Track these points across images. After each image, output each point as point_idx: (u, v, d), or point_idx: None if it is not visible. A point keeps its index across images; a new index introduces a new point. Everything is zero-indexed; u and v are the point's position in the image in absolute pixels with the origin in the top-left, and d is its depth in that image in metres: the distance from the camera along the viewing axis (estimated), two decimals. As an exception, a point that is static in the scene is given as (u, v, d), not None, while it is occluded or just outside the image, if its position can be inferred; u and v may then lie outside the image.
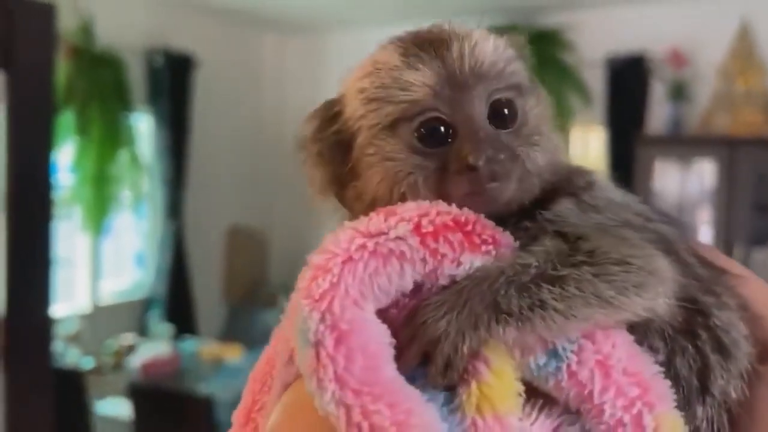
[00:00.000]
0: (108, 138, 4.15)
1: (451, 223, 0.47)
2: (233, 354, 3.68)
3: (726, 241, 3.70)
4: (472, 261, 0.47)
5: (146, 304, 4.66)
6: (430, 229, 0.46)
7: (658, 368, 0.46)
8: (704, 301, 0.50)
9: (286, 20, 5.18)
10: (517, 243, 0.49)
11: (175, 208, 4.69)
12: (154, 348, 3.74)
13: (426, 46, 0.51)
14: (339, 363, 0.42)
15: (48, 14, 2.03)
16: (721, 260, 0.55)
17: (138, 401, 3.14)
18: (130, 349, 3.74)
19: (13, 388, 2.06)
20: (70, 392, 3.21)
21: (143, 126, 4.58)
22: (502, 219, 0.50)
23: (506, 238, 0.49)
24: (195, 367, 3.62)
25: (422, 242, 0.46)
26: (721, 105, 4.00)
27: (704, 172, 3.87)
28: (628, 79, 4.23)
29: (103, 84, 4.10)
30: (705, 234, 3.85)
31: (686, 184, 4.00)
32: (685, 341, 0.48)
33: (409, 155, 0.51)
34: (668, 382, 0.46)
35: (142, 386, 3.27)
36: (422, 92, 0.50)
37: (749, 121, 3.89)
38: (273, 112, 5.56)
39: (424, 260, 0.46)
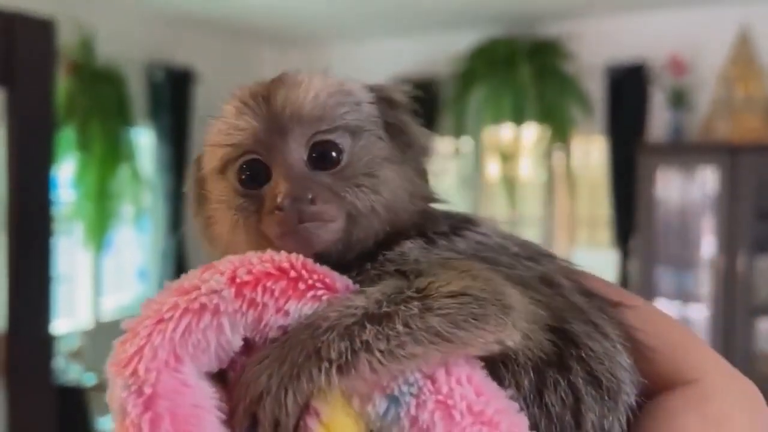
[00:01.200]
0: (109, 153, 4.15)
1: (273, 271, 0.44)
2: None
3: (729, 248, 3.69)
4: (300, 309, 0.44)
5: (148, 319, 4.65)
6: (247, 278, 0.43)
7: (510, 402, 0.43)
8: (575, 330, 0.47)
9: (284, 34, 5.20)
10: (357, 286, 0.47)
11: (176, 222, 4.68)
12: (157, 363, 3.72)
13: (256, 94, 0.53)
14: (143, 430, 0.39)
15: (49, 30, 2.03)
16: (612, 291, 0.53)
17: (140, 417, 3.13)
18: (133, 364, 3.72)
19: (15, 405, 2.04)
20: (72, 409, 3.19)
21: (144, 141, 4.59)
22: (348, 264, 0.50)
23: (341, 281, 0.46)
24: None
25: (238, 293, 0.43)
26: (722, 112, 4.00)
27: (706, 180, 3.86)
28: (629, 87, 4.23)
29: (103, 99, 4.11)
30: (708, 242, 3.84)
31: (688, 191, 3.99)
32: (557, 374, 0.46)
33: (234, 197, 0.53)
34: (523, 417, 0.43)
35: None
36: (244, 136, 0.52)
37: (750, 127, 3.89)
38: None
39: (242, 312, 0.43)
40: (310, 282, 0.45)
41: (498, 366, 0.45)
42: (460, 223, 0.54)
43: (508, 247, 0.52)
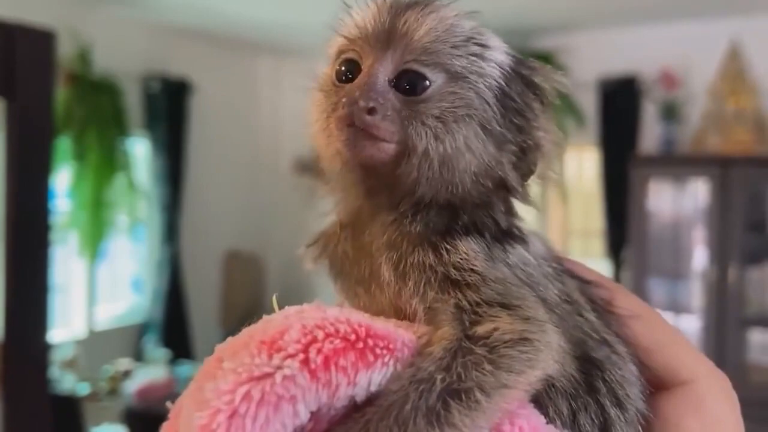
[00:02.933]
0: (105, 163, 4.17)
1: (341, 345, 0.43)
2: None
3: (720, 260, 3.72)
4: (370, 378, 0.43)
5: (142, 329, 4.64)
6: (320, 360, 0.42)
7: None
8: (598, 357, 0.51)
9: (280, 45, 5.23)
10: (415, 339, 0.47)
11: (171, 232, 4.69)
12: (150, 373, 3.71)
13: (397, 4, 0.53)
14: None
15: (49, 41, 2.04)
16: (615, 295, 0.55)
17: (133, 426, 3.12)
18: (126, 374, 3.71)
19: (11, 413, 2.04)
20: (67, 418, 3.18)
21: (140, 151, 4.60)
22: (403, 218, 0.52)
23: (400, 339, 0.46)
24: (192, 392, 3.60)
25: (312, 377, 0.41)
26: (713, 125, 4.05)
27: (698, 192, 3.90)
28: (621, 100, 4.27)
29: (100, 110, 4.13)
30: (700, 254, 3.87)
31: (680, 203, 4.03)
32: (588, 397, 0.49)
33: (329, 85, 0.55)
34: None
35: (138, 411, 3.25)
36: (356, 33, 0.53)
37: (740, 140, 3.94)
38: (269, 136, 5.59)
39: (317, 394, 0.42)
40: (377, 351, 0.44)
41: (541, 395, 0.47)
42: (512, 231, 0.54)
43: (543, 267, 0.53)
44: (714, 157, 3.87)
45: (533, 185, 0.56)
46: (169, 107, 4.61)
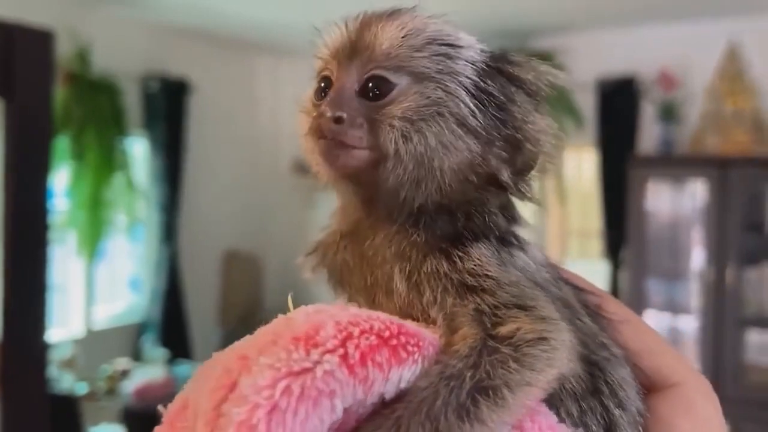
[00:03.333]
0: (103, 163, 4.17)
1: (375, 342, 0.44)
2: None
3: (718, 260, 3.73)
4: (401, 374, 0.44)
5: (140, 329, 4.64)
6: (358, 356, 0.43)
7: None
8: (599, 359, 0.52)
9: (278, 45, 5.23)
10: (439, 339, 0.48)
11: (170, 232, 4.69)
12: (149, 372, 3.72)
13: (357, 20, 0.56)
14: None
15: (48, 41, 2.04)
16: (603, 302, 0.57)
17: (132, 426, 3.12)
18: (125, 373, 3.72)
19: (10, 413, 2.04)
20: (65, 417, 3.19)
21: (138, 151, 4.60)
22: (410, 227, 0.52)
23: (427, 337, 0.47)
24: (190, 391, 3.60)
25: (351, 372, 0.42)
26: (711, 125, 4.06)
27: (696, 192, 3.91)
28: (620, 101, 4.28)
29: (99, 109, 4.13)
30: (698, 254, 3.88)
31: (678, 204, 4.03)
32: (593, 398, 0.50)
33: (310, 105, 0.58)
34: None
35: (136, 411, 3.25)
36: (327, 52, 0.57)
37: (738, 141, 3.95)
38: (267, 135, 5.59)
39: (354, 390, 0.42)
40: (408, 348, 0.45)
41: (552, 396, 0.48)
42: (510, 238, 0.54)
43: (542, 273, 0.54)
44: (712, 158, 3.87)
45: (533, 180, 0.56)
46: (168, 107, 4.61)
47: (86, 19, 4.14)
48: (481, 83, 0.53)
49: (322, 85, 0.56)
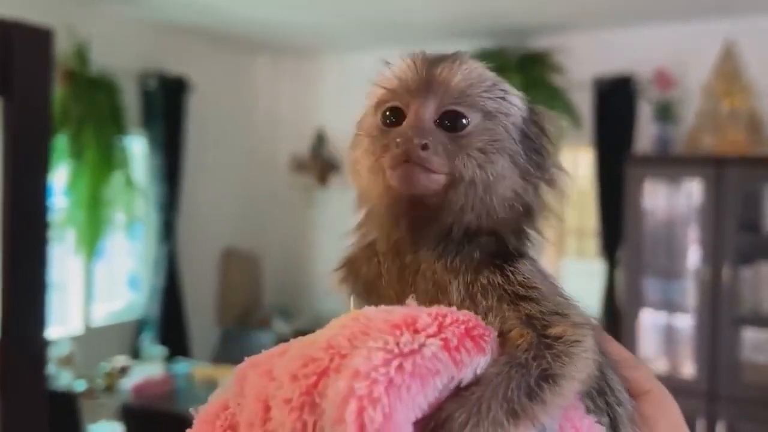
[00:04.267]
0: (102, 161, 4.18)
1: (464, 330, 0.50)
2: (226, 376, 3.68)
3: (714, 259, 3.75)
4: (479, 362, 0.50)
5: (139, 327, 4.66)
6: (455, 341, 0.48)
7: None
8: (602, 362, 0.59)
9: (277, 44, 5.24)
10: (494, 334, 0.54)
11: (168, 230, 4.70)
12: (147, 370, 3.73)
13: (427, 59, 0.62)
14: None
15: (46, 39, 2.05)
16: None
17: (130, 423, 3.13)
18: (123, 371, 3.73)
19: (8, 410, 2.06)
20: (63, 415, 3.20)
21: (137, 149, 4.61)
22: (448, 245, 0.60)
23: (492, 332, 0.53)
24: (188, 389, 3.61)
25: (450, 356, 0.48)
26: (707, 125, 4.07)
27: (693, 192, 3.92)
28: (616, 100, 4.29)
29: (97, 107, 4.14)
30: (694, 253, 3.89)
31: (675, 203, 4.05)
32: (600, 398, 0.58)
33: (375, 132, 0.62)
34: None
35: (135, 408, 3.26)
36: (399, 85, 0.62)
37: (735, 140, 3.96)
38: (266, 134, 5.60)
39: (450, 373, 0.47)
40: (485, 338, 0.51)
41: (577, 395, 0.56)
42: (529, 254, 0.62)
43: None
44: (708, 157, 3.89)
45: (546, 219, 0.64)
46: (167, 105, 4.62)
47: (85, 17, 4.15)
48: (525, 128, 0.62)
49: (390, 113, 0.62)
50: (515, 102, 0.62)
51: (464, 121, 0.60)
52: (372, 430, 0.42)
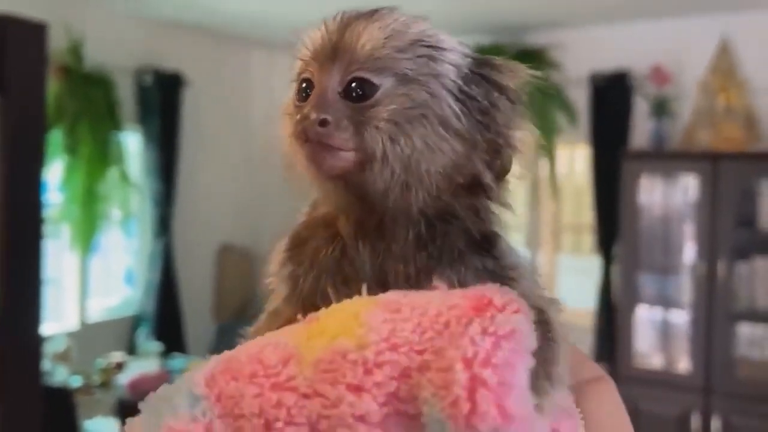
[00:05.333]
0: (97, 156, 4.16)
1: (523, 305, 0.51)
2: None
3: (710, 255, 3.76)
4: None
5: (135, 322, 4.65)
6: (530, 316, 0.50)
7: None
8: None
9: (273, 39, 5.23)
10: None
11: (164, 226, 4.69)
12: (143, 366, 3.73)
13: (339, 20, 0.56)
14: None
15: (40, 34, 2.05)
16: None
17: (126, 419, 3.13)
18: (119, 367, 3.72)
19: (4, 406, 2.05)
20: (59, 410, 3.19)
21: (132, 144, 4.60)
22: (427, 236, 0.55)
23: None
24: (184, 384, 3.61)
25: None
26: (703, 121, 4.08)
27: (688, 187, 3.93)
28: (612, 96, 4.29)
29: (92, 103, 4.12)
30: (690, 249, 3.90)
31: (670, 199, 4.05)
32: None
33: (292, 108, 0.57)
34: None
35: (131, 404, 3.26)
36: (308, 54, 0.56)
37: (731, 136, 3.97)
38: (262, 129, 5.59)
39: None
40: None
41: None
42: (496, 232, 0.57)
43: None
44: (704, 153, 3.90)
45: (509, 185, 0.57)
46: (162, 101, 4.60)
47: (80, 13, 4.13)
48: (465, 87, 0.54)
49: (304, 86, 0.56)
50: (450, 58, 0.54)
51: (373, 87, 0.52)
52: (516, 414, 0.40)
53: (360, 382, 0.43)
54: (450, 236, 0.54)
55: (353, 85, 0.53)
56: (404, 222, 0.54)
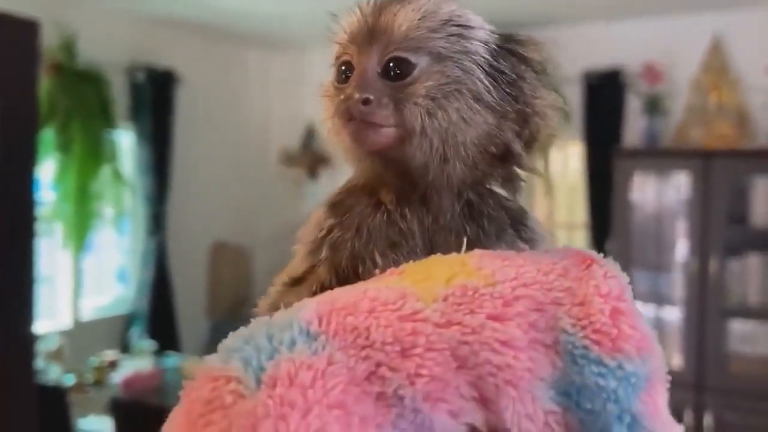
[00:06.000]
0: (90, 154, 4.15)
1: None
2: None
3: (702, 251, 3.77)
4: None
5: (128, 321, 4.64)
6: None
7: None
8: None
9: (268, 37, 5.22)
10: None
11: (157, 224, 4.68)
12: (136, 364, 3.72)
13: (374, 4, 0.58)
14: None
15: (33, 31, 2.04)
16: None
17: (120, 417, 3.13)
18: (112, 365, 3.72)
19: (-4, 404, 2.05)
20: (52, 409, 3.18)
21: (125, 142, 4.58)
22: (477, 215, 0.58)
23: None
24: (177, 383, 3.59)
25: None
26: (695, 118, 4.10)
27: (680, 185, 3.95)
28: (605, 94, 4.31)
29: (85, 100, 4.10)
30: (682, 246, 3.92)
31: (663, 196, 4.07)
32: None
33: (333, 90, 0.59)
34: None
35: (124, 402, 3.25)
36: (346, 38, 0.59)
37: (723, 134, 3.99)
38: (256, 127, 5.58)
39: None
40: None
41: None
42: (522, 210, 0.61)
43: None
44: (696, 151, 3.91)
45: (537, 153, 0.60)
46: (156, 98, 4.59)
47: (73, 9, 4.12)
48: (494, 62, 0.57)
49: (343, 68, 0.59)
50: (477, 36, 0.58)
51: (410, 66, 0.55)
52: (648, 334, 0.48)
53: (501, 313, 0.46)
54: (493, 210, 0.58)
55: (391, 64, 0.56)
56: (448, 194, 0.57)
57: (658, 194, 4.08)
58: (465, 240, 0.55)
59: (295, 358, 0.44)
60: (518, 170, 0.60)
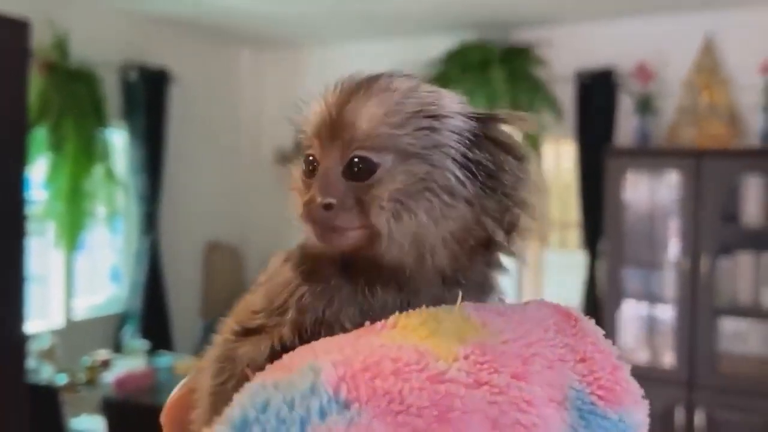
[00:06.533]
0: (82, 153, 4.13)
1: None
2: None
3: (693, 250, 3.79)
4: None
5: (121, 320, 4.63)
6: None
7: None
8: None
9: (261, 36, 5.21)
10: None
11: (150, 223, 4.67)
12: (129, 364, 3.71)
13: (341, 90, 0.55)
14: None
15: (23, 30, 2.03)
16: None
17: (112, 417, 3.12)
18: (105, 365, 3.71)
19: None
20: (44, 408, 3.17)
21: (118, 141, 4.57)
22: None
23: None
24: (170, 382, 3.59)
25: None
26: (687, 118, 4.12)
27: (672, 184, 3.96)
28: (598, 93, 4.32)
29: (77, 99, 4.09)
30: (674, 244, 3.94)
31: (655, 195, 4.09)
32: None
33: (299, 182, 0.57)
34: None
35: (117, 402, 3.24)
36: (310, 129, 0.55)
37: (714, 134, 4.01)
38: (250, 127, 5.58)
39: None
40: None
41: None
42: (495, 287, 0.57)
43: None
44: (688, 150, 3.93)
45: (520, 239, 0.56)
46: (148, 97, 4.57)
47: (64, 8, 4.10)
48: (469, 153, 0.53)
49: (310, 159, 0.56)
50: (452, 125, 0.53)
51: (373, 167, 0.52)
52: (637, 386, 0.53)
53: (523, 371, 0.47)
54: (470, 292, 0.54)
55: (355, 162, 0.53)
56: (424, 283, 0.53)
57: (651, 193, 4.10)
58: (459, 294, 0.52)
59: (332, 428, 0.41)
60: (501, 256, 0.56)
